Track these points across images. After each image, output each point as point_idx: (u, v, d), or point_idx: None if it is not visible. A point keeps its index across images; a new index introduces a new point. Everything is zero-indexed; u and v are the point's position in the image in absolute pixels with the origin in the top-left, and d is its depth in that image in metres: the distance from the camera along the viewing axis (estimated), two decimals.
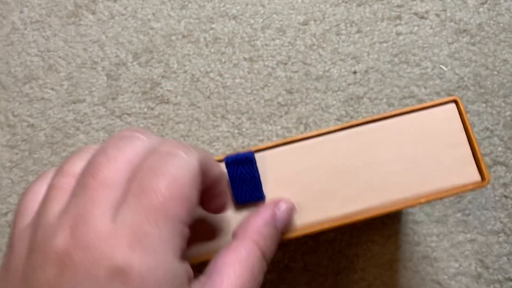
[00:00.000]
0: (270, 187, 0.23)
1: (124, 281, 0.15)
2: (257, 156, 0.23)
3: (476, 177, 0.23)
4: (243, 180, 0.22)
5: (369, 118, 0.23)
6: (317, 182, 0.23)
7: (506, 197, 0.37)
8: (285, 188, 0.23)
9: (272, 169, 0.23)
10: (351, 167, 0.23)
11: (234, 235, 0.21)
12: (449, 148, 0.23)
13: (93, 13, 0.43)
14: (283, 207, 0.22)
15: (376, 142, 0.23)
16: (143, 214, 0.16)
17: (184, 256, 0.17)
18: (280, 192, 0.23)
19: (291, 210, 0.22)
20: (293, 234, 0.22)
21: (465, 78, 0.40)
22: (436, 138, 0.23)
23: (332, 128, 0.24)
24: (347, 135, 0.24)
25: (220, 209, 0.22)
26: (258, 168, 0.23)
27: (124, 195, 0.17)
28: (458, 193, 0.23)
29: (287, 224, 0.22)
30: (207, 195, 0.20)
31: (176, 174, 0.17)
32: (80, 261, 0.15)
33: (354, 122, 0.24)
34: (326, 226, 0.22)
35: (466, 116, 0.23)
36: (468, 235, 0.37)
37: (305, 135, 0.24)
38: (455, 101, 0.24)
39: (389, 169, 0.23)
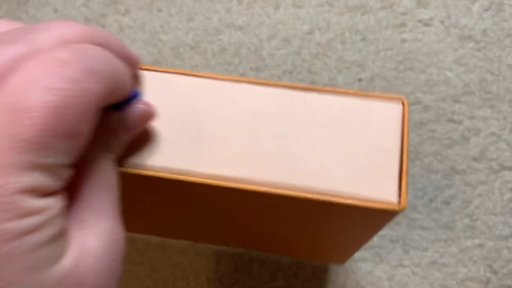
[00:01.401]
0: None
1: None
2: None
3: (392, 197, 0.18)
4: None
5: (304, 86, 0.20)
6: (200, 126, 0.19)
7: None
8: (160, 118, 0.19)
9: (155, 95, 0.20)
10: (252, 126, 0.19)
11: None
12: (376, 151, 0.19)
13: (103, 26, 0.44)
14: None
15: (295, 113, 0.19)
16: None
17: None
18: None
19: (149, 107, 0.18)
20: (141, 172, 0.19)
21: (471, 84, 0.40)
22: (366, 135, 0.19)
23: (260, 81, 0.20)
24: (269, 92, 0.20)
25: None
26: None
27: None
28: (360, 208, 0.18)
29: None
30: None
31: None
32: None
33: (288, 84, 0.20)
34: (181, 178, 0.18)
35: (408, 124, 0.19)
36: (476, 241, 0.37)
37: (216, 75, 0.20)
38: (402, 102, 0.19)
39: (293, 147, 0.19)
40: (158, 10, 0.44)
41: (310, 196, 0.18)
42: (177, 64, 0.42)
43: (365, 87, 0.41)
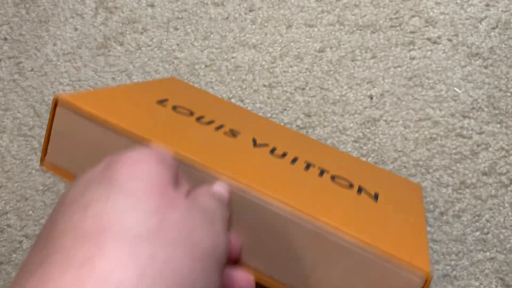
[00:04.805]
0: None
1: None
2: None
3: None
4: None
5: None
6: None
7: None
8: None
9: None
10: None
11: None
12: None
13: (121, 44, 0.46)
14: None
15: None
16: None
17: None
18: None
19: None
20: None
21: (479, 100, 0.41)
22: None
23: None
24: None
25: None
26: None
27: None
28: None
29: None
30: None
31: None
32: None
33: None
34: None
35: None
36: (488, 254, 0.37)
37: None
38: (426, 279, 0.21)
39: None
40: (174, 28, 0.45)
41: None
42: (192, 80, 0.44)
43: (375, 103, 0.42)
